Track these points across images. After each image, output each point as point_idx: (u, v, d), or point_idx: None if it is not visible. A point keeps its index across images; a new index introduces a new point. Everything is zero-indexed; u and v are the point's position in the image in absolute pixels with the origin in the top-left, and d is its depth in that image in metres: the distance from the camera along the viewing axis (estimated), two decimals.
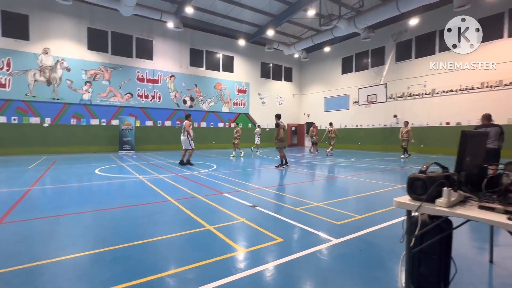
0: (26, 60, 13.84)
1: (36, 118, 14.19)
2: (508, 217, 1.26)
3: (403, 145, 13.00)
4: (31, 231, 3.30)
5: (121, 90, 16.28)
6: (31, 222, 3.63)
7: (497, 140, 5.74)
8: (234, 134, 13.84)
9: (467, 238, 3.08)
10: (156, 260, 2.53)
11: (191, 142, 9.96)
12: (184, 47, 18.44)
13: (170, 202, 4.68)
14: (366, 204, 4.74)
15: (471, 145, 1.84)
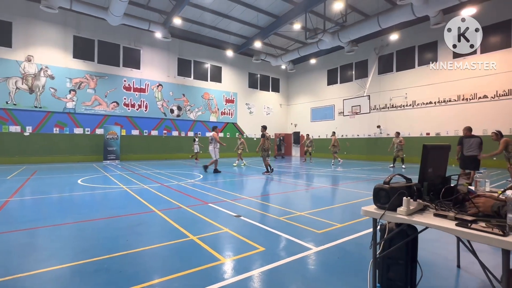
0: (8, 68, 13.54)
1: (17, 126, 13.79)
2: (457, 224, 1.40)
3: (400, 155, 12.97)
4: (8, 244, 3.23)
5: (106, 98, 16.11)
6: (8, 235, 3.55)
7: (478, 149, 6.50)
8: (238, 144, 14.46)
9: (438, 244, 3.25)
10: (138, 271, 2.54)
11: (217, 152, 10.69)
12: (172, 56, 18.54)
13: (155, 212, 4.67)
14: (347, 213, 4.88)
15: (433, 157, 2.01)
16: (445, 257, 2.91)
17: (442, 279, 2.47)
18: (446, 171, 2.19)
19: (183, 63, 19.07)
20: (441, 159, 2.18)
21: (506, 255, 1.25)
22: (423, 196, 1.81)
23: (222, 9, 15.56)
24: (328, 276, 2.49)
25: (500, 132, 7.50)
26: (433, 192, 1.91)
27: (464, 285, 2.41)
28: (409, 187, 1.76)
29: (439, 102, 15.28)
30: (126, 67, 16.84)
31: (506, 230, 1.27)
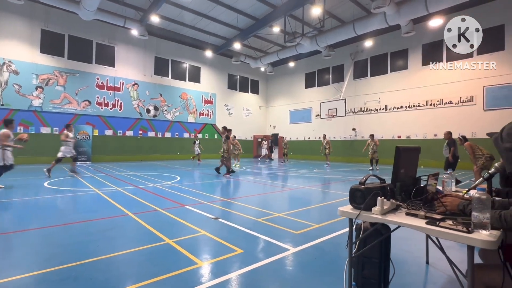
0: None
1: None
2: (426, 222, 1.46)
3: (375, 157, 13.41)
4: None
5: (77, 97, 15.31)
6: None
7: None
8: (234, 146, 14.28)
9: (409, 242, 3.40)
10: (109, 277, 2.42)
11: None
12: (148, 55, 18.02)
13: (128, 216, 4.49)
14: (324, 214, 4.98)
15: (405, 158, 2.09)
16: (415, 254, 3.04)
17: (413, 276, 2.59)
18: (416, 172, 2.30)
19: (161, 62, 18.59)
20: (412, 160, 2.28)
21: (471, 251, 1.32)
22: (396, 196, 1.88)
23: (202, 8, 15.38)
24: (305, 277, 2.52)
25: (464, 137, 8.08)
26: (405, 192, 1.99)
27: (432, 281, 2.53)
28: (383, 187, 1.82)
29: (409, 107, 16.10)
30: (99, 64, 16.11)
31: (471, 227, 1.35)
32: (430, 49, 15.25)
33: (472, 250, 1.32)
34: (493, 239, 1.26)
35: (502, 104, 12.93)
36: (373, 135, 14.20)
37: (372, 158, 13.58)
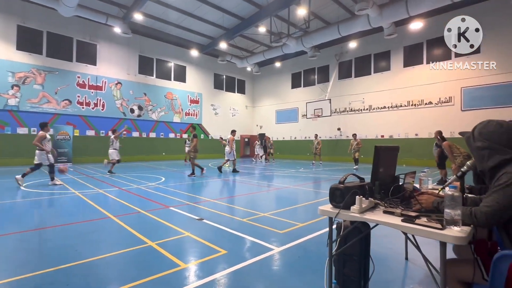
0: None
1: None
2: (402, 219, 1.50)
3: (357, 156, 13.62)
4: None
5: (57, 96, 14.76)
6: None
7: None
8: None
9: (389, 239, 3.49)
10: (88, 282, 2.34)
11: (234, 153, 11.58)
12: (132, 53, 17.62)
13: (110, 218, 4.37)
14: (309, 213, 5.03)
15: (384, 158, 2.14)
16: (395, 251, 3.13)
17: (392, 272, 2.65)
18: (395, 170, 2.35)
19: (145, 61, 18.21)
20: (391, 159, 2.34)
21: (443, 247, 1.37)
22: (375, 194, 1.92)
23: (187, 7, 15.19)
24: (288, 276, 2.53)
25: (442, 136, 8.31)
26: (384, 191, 2.04)
27: (410, 276, 2.61)
28: (362, 186, 1.85)
29: (391, 107, 16.54)
30: (80, 62, 15.59)
31: (444, 224, 1.40)
32: (411, 51, 15.72)
33: (445, 245, 1.37)
34: (464, 234, 1.31)
35: (478, 104, 13.50)
36: (355, 135, 14.39)
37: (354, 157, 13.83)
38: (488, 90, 13.29)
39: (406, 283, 2.48)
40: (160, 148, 18.77)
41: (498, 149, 1.44)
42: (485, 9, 13.17)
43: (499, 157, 1.43)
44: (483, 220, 1.36)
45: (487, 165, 1.48)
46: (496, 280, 1.32)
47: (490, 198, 1.38)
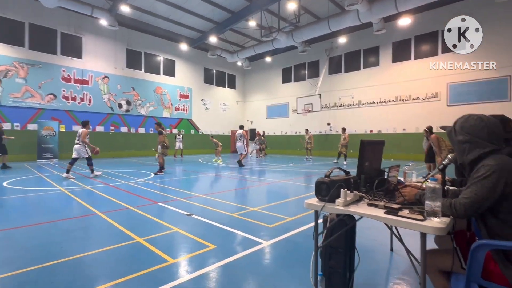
0: None
1: None
2: (385, 212, 1.54)
3: (343, 151, 13.38)
4: None
5: (41, 90, 14.31)
6: None
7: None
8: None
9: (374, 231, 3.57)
10: (74, 279, 2.31)
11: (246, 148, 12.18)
12: (120, 47, 17.20)
13: (97, 215, 4.30)
14: (298, 207, 5.08)
15: (369, 152, 2.18)
16: (380, 243, 3.20)
17: (377, 263, 2.72)
18: (381, 164, 2.40)
19: (133, 55, 17.82)
20: (377, 153, 2.38)
21: (423, 237, 1.41)
22: (360, 187, 1.95)
23: (176, 0, 14.89)
24: (276, 269, 2.56)
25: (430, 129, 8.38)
26: (369, 184, 2.07)
27: (395, 267, 2.68)
28: (347, 179, 1.88)
29: (380, 102, 16.77)
30: (65, 55, 15.12)
31: (424, 215, 1.44)
32: (399, 47, 15.92)
33: (425, 236, 1.41)
34: (443, 225, 1.35)
35: (464, 100, 13.84)
36: (344, 129, 14.20)
37: (340, 152, 13.58)
38: (473, 86, 13.64)
39: (391, 273, 2.55)
40: (149, 144, 18.49)
41: (478, 142, 1.48)
42: (471, 6, 13.42)
43: (478, 151, 1.47)
44: (462, 211, 1.40)
45: (467, 159, 1.52)
46: (473, 268, 1.37)
47: (469, 190, 1.42)
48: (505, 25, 12.66)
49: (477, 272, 1.39)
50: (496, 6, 12.64)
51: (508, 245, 1.30)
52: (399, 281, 2.38)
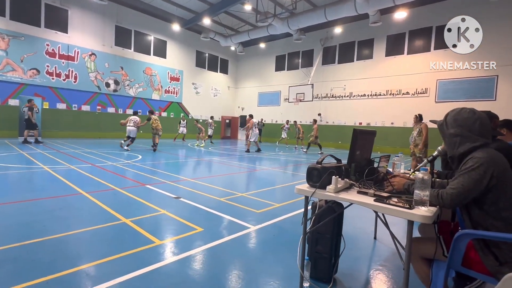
0: None
1: None
2: (374, 199, 1.55)
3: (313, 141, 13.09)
4: None
5: (23, 64, 13.62)
6: None
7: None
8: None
9: (360, 220, 3.66)
10: (56, 258, 2.26)
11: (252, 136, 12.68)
12: (108, 23, 16.45)
13: (82, 195, 4.21)
14: (286, 194, 5.14)
15: (361, 141, 2.18)
16: (365, 231, 3.29)
17: (361, 250, 2.79)
18: (371, 154, 2.42)
19: (122, 32, 17.11)
20: (368, 143, 2.39)
21: (410, 225, 1.44)
22: (350, 176, 1.97)
23: None
24: (263, 253, 2.59)
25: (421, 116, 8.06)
26: (359, 173, 2.09)
27: (378, 254, 2.76)
28: (338, 167, 1.89)
29: (371, 95, 16.91)
30: (49, 28, 14.35)
31: (412, 204, 1.46)
32: (393, 41, 15.94)
33: (412, 224, 1.44)
34: (430, 214, 1.37)
35: (451, 97, 14.13)
36: (315, 120, 14.11)
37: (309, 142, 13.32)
38: (460, 83, 13.90)
39: (373, 260, 2.63)
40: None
41: (469, 136, 1.50)
42: (468, 3, 13.48)
43: (469, 145, 1.49)
44: (448, 201, 1.43)
45: (457, 152, 1.54)
46: (455, 256, 1.41)
47: (456, 181, 1.45)
48: (500, 24, 12.81)
49: (458, 260, 1.43)
50: (491, 4, 12.75)
51: (490, 235, 1.34)
52: (381, 267, 2.46)
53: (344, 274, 2.27)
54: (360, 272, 2.38)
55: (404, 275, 1.48)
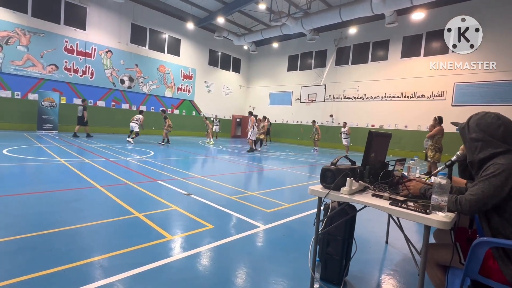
0: None
1: None
2: (390, 203, 1.53)
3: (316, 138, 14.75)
4: None
5: (43, 60, 14.07)
6: None
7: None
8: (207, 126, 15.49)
9: (372, 223, 3.61)
10: (72, 248, 2.33)
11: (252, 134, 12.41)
12: (124, 21, 16.78)
13: (96, 188, 4.32)
14: (296, 194, 5.12)
15: (376, 143, 2.15)
16: (377, 235, 3.24)
17: (373, 253, 2.76)
18: (386, 157, 2.38)
19: (137, 30, 17.42)
20: (383, 146, 2.36)
21: (427, 230, 1.41)
22: (364, 178, 1.95)
23: None
24: (272, 252, 2.59)
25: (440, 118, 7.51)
26: (373, 175, 2.07)
27: (389, 258, 2.72)
28: (353, 169, 1.87)
29: (385, 97, 16.62)
30: (68, 25, 14.77)
31: (429, 209, 1.43)
32: (410, 42, 15.61)
33: (429, 229, 1.41)
34: (448, 220, 1.34)
35: (468, 101, 13.72)
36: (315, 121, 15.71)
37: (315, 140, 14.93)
38: (479, 87, 13.48)
39: (385, 264, 2.59)
40: (150, 122, 18.39)
41: (491, 142, 1.46)
42: (488, 4, 13.05)
43: (490, 150, 1.45)
44: (467, 207, 1.39)
45: (477, 157, 1.50)
46: (472, 264, 1.38)
47: (476, 187, 1.41)
48: None
49: (475, 268, 1.40)
50: None
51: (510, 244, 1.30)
52: (393, 272, 2.42)
53: (355, 277, 2.25)
54: (371, 276, 2.35)
55: (419, 281, 1.45)
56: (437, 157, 6.92)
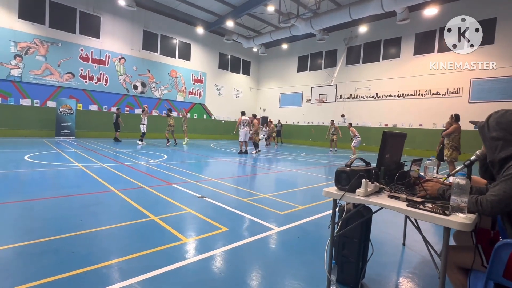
0: None
1: None
2: (407, 204, 1.51)
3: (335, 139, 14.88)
4: None
5: (60, 68, 14.59)
6: None
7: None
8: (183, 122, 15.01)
9: (389, 225, 3.54)
10: (92, 251, 2.41)
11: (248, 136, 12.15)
12: (136, 28, 17.19)
13: (113, 192, 4.43)
14: (309, 196, 5.09)
15: (391, 144, 2.12)
16: (394, 236, 3.18)
17: (389, 256, 2.71)
18: (401, 157, 2.34)
19: (149, 36, 17.81)
20: (398, 146, 2.32)
21: (447, 232, 1.38)
22: (380, 179, 1.92)
23: None
24: (287, 255, 2.59)
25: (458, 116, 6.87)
26: (388, 176, 2.04)
27: (407, 260, 2.66)
28: (368, 170, 1.85)
29: (398, 96, 16.29)
30: (83, 34, 15.27)
31: (449, 210, 1.40)
32: (423, 39, 15.25)
33: (448, 231, 1.38)
34: (469, 221, 1.31)
35: (486, 97, 13.26)
36: (333, 121, 15.53)
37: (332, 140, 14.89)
38: (497, 82, 13.00)
39: (403, 267, 2.54)
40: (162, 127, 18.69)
41: None
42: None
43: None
44: (488, 208, 1.36)
45: (498, 156, 1.46)
46: (495, 267, 1.34)
47: (497, 187, 1.37)
48: None
49: (499, 270, 1.35)
50: None
51: None
52: (411, 274, 2.37)
53: (372, 280, 2.22)
54: (388, 279, 2.30)
55: (439, 284, 1.42)
56: (454, 156, 6.72)
